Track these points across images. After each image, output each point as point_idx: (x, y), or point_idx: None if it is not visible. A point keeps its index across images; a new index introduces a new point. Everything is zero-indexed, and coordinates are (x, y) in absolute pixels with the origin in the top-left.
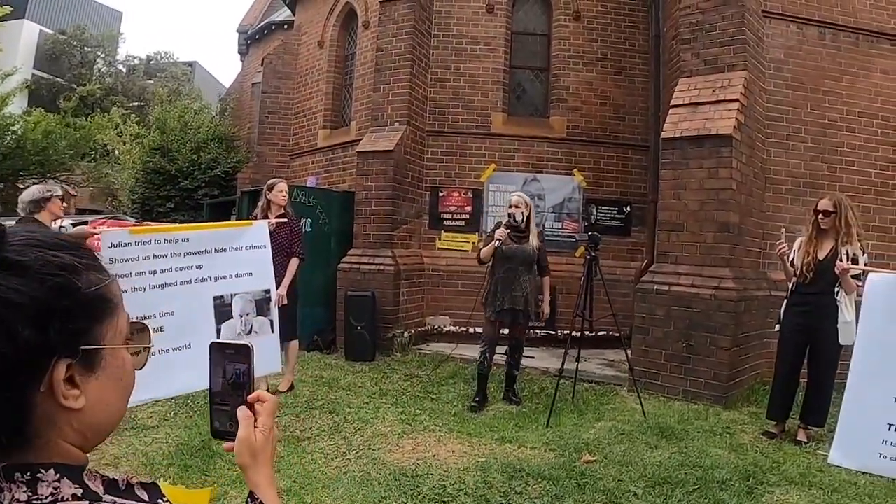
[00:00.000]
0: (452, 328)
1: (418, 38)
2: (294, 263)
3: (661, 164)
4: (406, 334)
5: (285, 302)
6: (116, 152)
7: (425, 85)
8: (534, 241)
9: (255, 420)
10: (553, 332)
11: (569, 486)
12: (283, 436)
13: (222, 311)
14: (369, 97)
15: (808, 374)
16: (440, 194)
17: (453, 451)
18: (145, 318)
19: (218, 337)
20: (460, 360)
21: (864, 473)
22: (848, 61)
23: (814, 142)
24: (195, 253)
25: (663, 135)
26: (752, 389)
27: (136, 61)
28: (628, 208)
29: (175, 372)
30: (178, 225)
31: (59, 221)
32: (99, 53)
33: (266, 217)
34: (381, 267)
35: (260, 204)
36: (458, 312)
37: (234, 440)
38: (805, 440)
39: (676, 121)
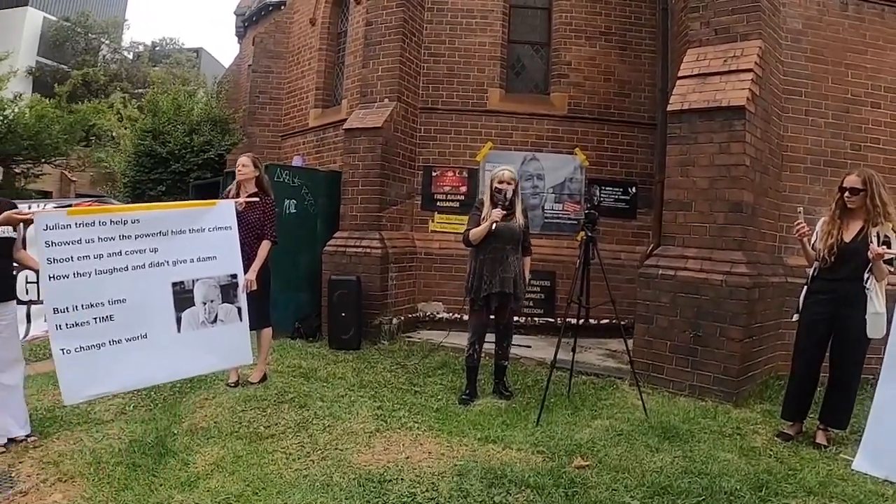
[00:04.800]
0: (446, 315)
1: (410, 11)
2: (265, 246)
3: (668, 138)
4: (395, 321)
5: (254, 288)
6: (115, 136)
7: (418, 60)
8: (520, 218)
9: None
10: (552, 320)
11: (555, 496)
12: (245, 432)
13: (182, 297)
14: (360, 74)
15: (829, 370)
16: (433, 174)
17: (429, 453)
18: (92, 305)
19: (178, 327)
20: (451, 349)
21: (892, 483)
22: (872, 34)
23: (835, 118)
24: (149, 235)
25: (670, 107)
26: (765, 385)
27: (141, 48)
28: (633, 189)
29: (129, 364)
30: (128, 205)
31: (41, 204)
32: (103, 40)
33: (238, 196)
34: (368, 250)
35: (235, 182)
36: (451, 298)
37: None
38: (825, 443)
39: (684, 92)
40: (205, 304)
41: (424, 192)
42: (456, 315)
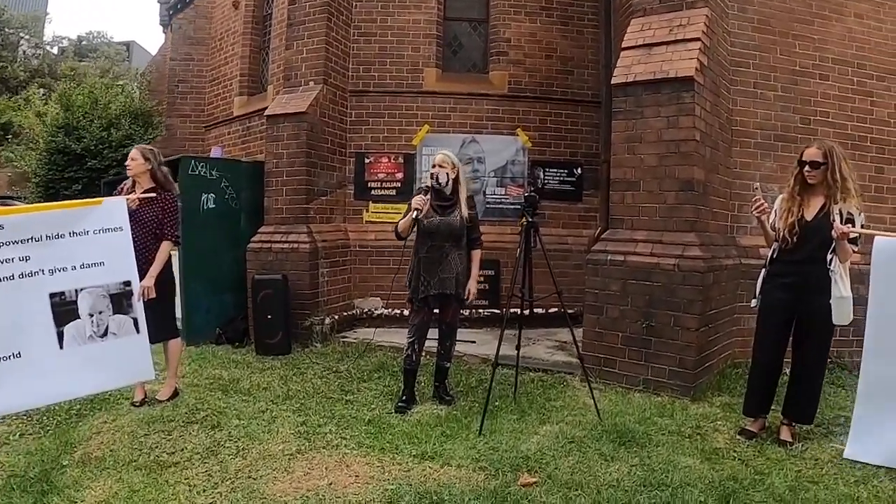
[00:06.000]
0: (385, 311)
1: None
2: (165, 247)
3: (613, 113)
4: (328, 321)
5: (152, 295)
6: (32, 133)
7: (346, 40)
8: (463, 210)
9: None
10: (497, 311)
11: None
12: (145, 461)
13: (64, 310)
14: (284, 57)
15: (792, 360)
16: (367, 161)
17: (357, 476)
18: None
19: (60, 342)
20: (389, 348)
21: (865, 484)
22: (819, 3)
23: (784, 90)
24: (17, 242)
25: (614, 80)
26: (722, 375)
27: (65, 42)
28: (579, 170)
29: (2, 386)
30: None
31: None
32: (22, 35)
33: (133, 192)
34: (295, 245)
35: (130, 178)
36: (391, 293)
37: None
38: (790, 440)
39: (629, 64)
40: (92, 316)
41: (357, 180)
42: (396, 311)
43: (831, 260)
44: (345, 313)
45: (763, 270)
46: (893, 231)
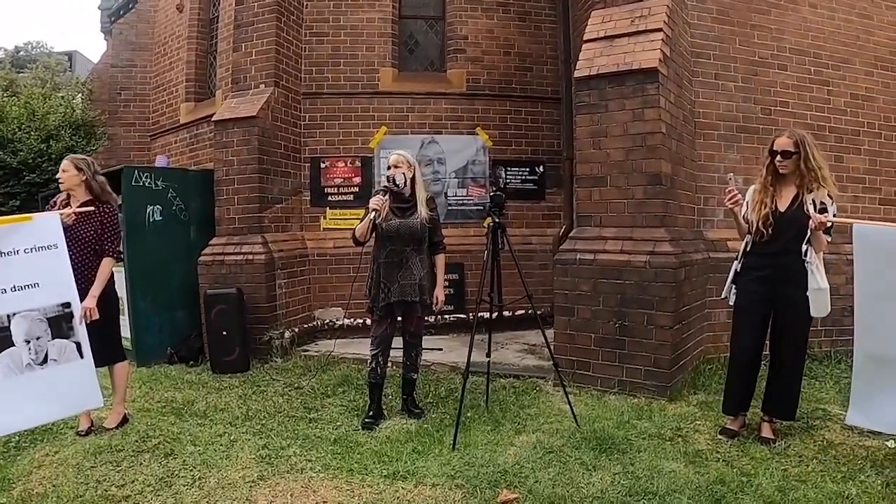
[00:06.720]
0: (347, 321)
1: None
2: (106, 264)
3: (577, 107)
4: (287, 334)
5: (95, 317)
6: None
7: (298, 40)
8: (422, 211)
9: None
10: (464, 316)
11: None
12: (91, 496)
13: None
14: (232, 59)
15: (770, 355)
16: (322, 165)
17: (325, 501)
18: None
19: None
20: (353, 359)
21: (853, 480)
22: None
23: (745, 81)
24: None
25: (577, 73)
26: (696, 371)
27: (1, 53)
28: (541, 168)
29: None
30: None
31: None
32: None
33: (68, 206)
34: (250, 256)
35: (65, 191)
36: (352, 303)
37: None
38: (772, 437)
39: (591, 56)
40: (29, 342)
41: (313, 186)
42: (359, 321)
43: (806, 251)
44: (305, 325)
45: (736, 263)
46: (854, 218)
